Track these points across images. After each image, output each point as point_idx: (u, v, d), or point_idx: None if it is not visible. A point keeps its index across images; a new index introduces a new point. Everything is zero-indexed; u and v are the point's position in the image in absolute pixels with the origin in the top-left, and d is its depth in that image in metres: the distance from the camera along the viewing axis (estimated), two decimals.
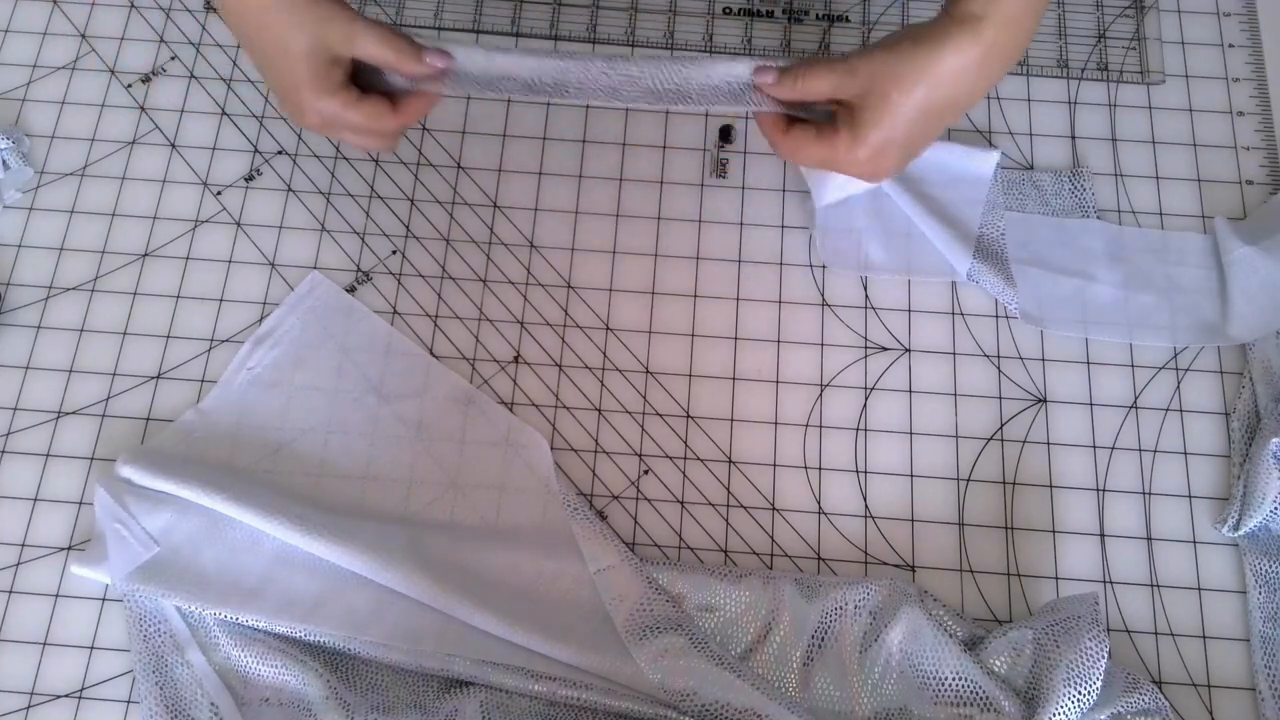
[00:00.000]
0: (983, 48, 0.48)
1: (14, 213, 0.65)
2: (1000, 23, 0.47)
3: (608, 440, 0.60)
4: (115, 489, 0.56)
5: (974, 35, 0.47)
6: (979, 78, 0.49)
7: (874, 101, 0.48)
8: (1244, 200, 0.65)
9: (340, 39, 0.50)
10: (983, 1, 0.47)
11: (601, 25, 0.70)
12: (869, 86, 0.48)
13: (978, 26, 0.47)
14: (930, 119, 0.50)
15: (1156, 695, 0.51)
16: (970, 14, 0.47)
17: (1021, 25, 0.48)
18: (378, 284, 0.63)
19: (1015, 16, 0.48)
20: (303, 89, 0.50)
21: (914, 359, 0.62)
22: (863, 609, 0.54)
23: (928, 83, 0.48)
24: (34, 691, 0.55)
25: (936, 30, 0.48)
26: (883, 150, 0.50)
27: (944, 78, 0.48)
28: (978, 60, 0.48)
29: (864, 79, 0.48)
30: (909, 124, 0.49)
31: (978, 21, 0.47)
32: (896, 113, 0.48)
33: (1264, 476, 0.56)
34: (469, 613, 0.53)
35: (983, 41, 0.47)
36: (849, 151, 0.50)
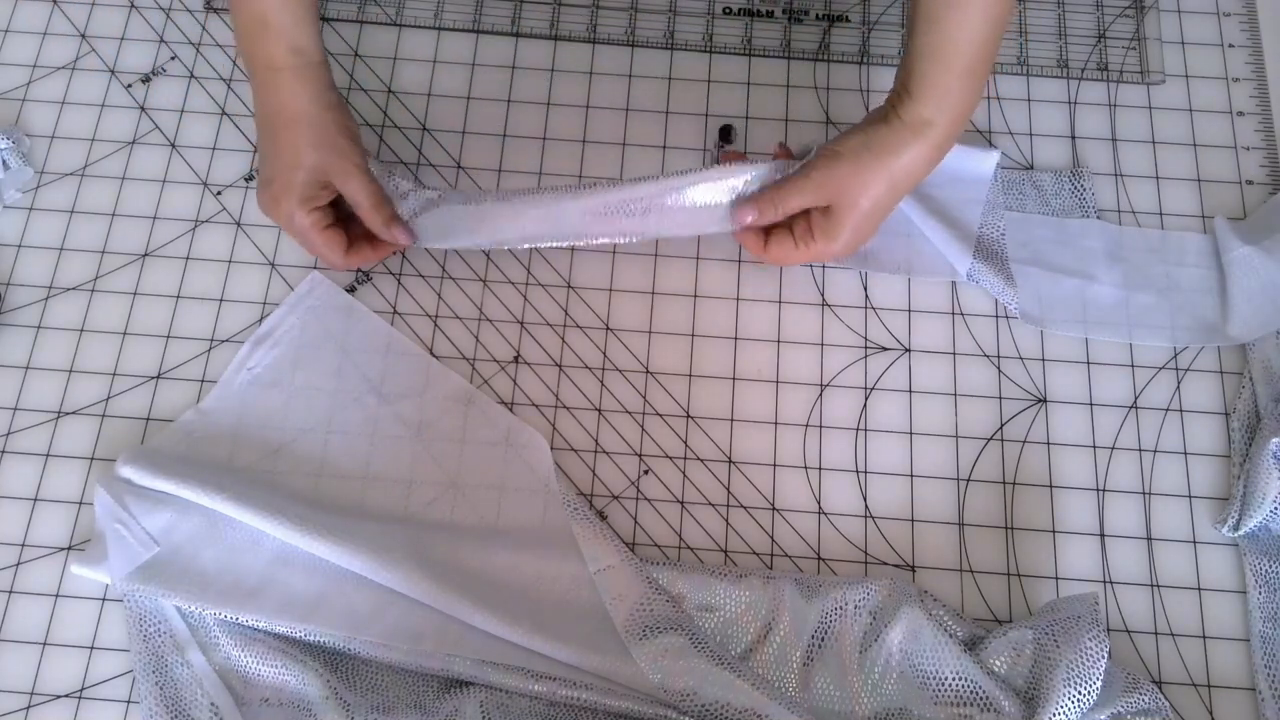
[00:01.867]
0: (933, 149, 0.54)
1: (14, 213, 0.65)
2: (948, 122, 0.54)
3: (608, 440, 0.60)
4: (115, 489, 0.56)
5: (926, 139, 0.54)
6: (926, 169, 0.55)
7: (844, 208, 0.55)
8: (1244, 200, 0.65)
9: (340, 172, 0.57)
10: (934, 107, 0.53)
11: (601, 25, 0.70)
12: (837, 197, 0.55)
13: (930, 131, 0.54)
14: (889, 203, 0.56)
15: (1156, 695, 0.51)
16: (923, 120, 0.53)
17: (963, 115, 0.54)
18: (378, 284, 0.63)
19: (961, 113, 0.54)
20: (291, 195, 0.57)
21: (914, 359, 0.62)
22: (863, 609, 0.54)
23: (888, 182, 0.55)
24: (34, 691, 0.55)
25: (893, 139, 0.54)
26: (852, 242, 0.57)
27: (901, 175, 0.55)
28: (926, 158, 0.55)
29: (832, 191, 0.55)
30: (873, 214, 0.56)
31: (930, 127, 0.53)
32: (862, 210, 0.55)
33: (1264, 476, 0.56)
34: (469, 613, 0.53)
35: (933, 143, 0.54)
36: (826, 248, 0.57)
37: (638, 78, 0.68)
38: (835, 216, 0.56)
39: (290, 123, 0.56)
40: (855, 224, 0.56)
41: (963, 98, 0.53)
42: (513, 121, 0.67)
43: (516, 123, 0.67)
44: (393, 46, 0.69)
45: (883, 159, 0.54)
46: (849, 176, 0.55)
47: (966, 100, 0.54)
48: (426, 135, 0.67)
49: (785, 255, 0.58)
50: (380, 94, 0.68)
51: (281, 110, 0.56)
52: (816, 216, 0.56)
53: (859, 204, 0.55)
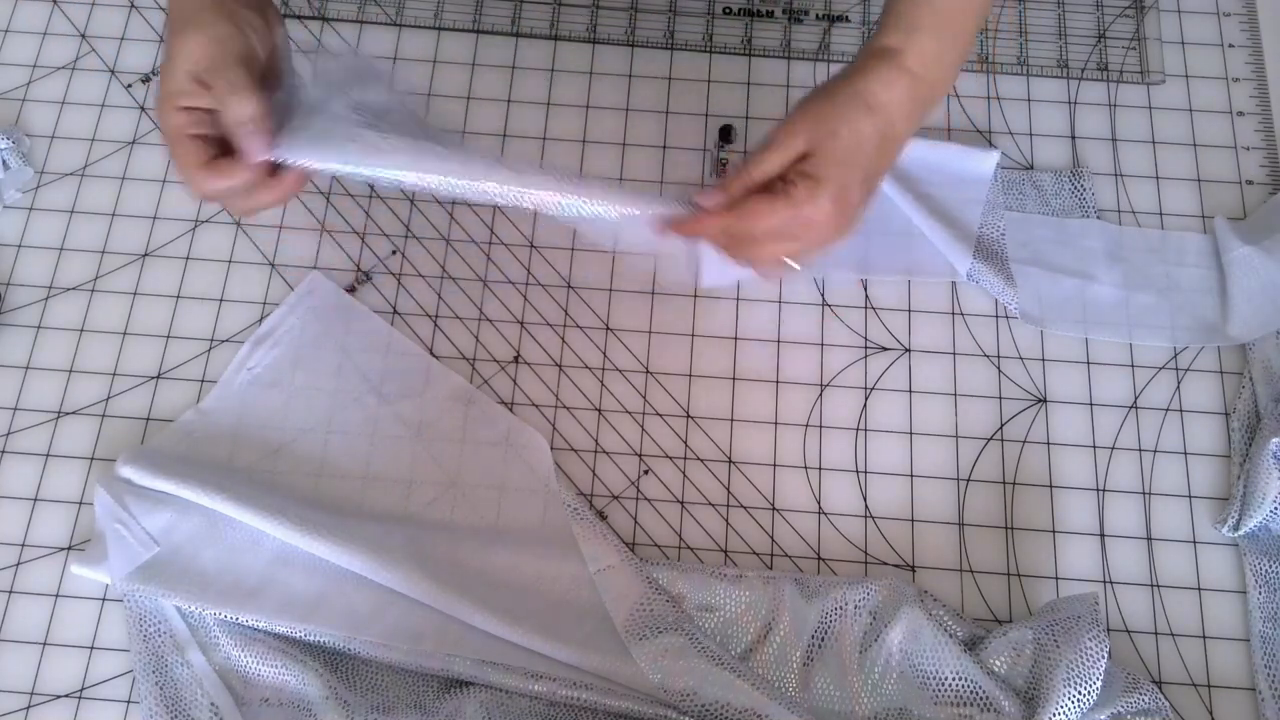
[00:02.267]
0: (907, 76, 0.49)
1: (14, 213, 0.65)
2: (919, 54, 0.49)
3: (608, 440, 0.60)
4: (115, 489, 0.56)
5: (896, 65, 0.49)
6: (911, 105, 0.50)
7: (822, 142, 0.48)
8: (1244, 200, 0.65)
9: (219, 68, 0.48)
10: (900, 35, 0.49)
11: (601, 25, 0.70)
12: (813, 131, 0.48)
13: (897, 58, 0.49)
14: (878, 148, 0.49)
15: (1156, 695, 0.51)
16: (887, 48, 0.49)
17: (941, 61, 0.50)
18: (378, 284, 0.63)
19: (934, 52, 0.50)
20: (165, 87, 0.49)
21: (914, 359, 0.62)
22: (863, 609, 0.54)
23: (866, 111, 0.48)
24: (34, 691, 0.55)
25: (859, 66, 0.50)
26: (844, 189, 0.48)
27: (878, 105, 0.49)
28: (906, 89, 0.49)
29: (806, 126, 0.48)
30: (862, 155, 0.49)
31: (896, 54, 0.49)
32: (848, 145, 0.48)
33: (1264, 476, 0.56)
34: (469, 613, 0.53)
35: (906, 70, 0.49)
36: (811, 201, 0.47)
37: (638, 78, 0.68)
38: (815, 156, 0.48)
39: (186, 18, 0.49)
40: (842, 161, 0.48)
41: (936, 36, 0.49)
42: (513, 121, 0.67)
43: (516, 123, 0.67)
44: (393, 46, 0.69)
45: (850, 82, 0.49)
46: (817, 107, 0.48)
47: (942, 41, 0.49)
48: None
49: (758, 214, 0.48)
50: None
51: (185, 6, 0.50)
52: (793, 169, 0.48)
53: (838, 132, 0.48)
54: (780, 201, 0.48)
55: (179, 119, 0.49)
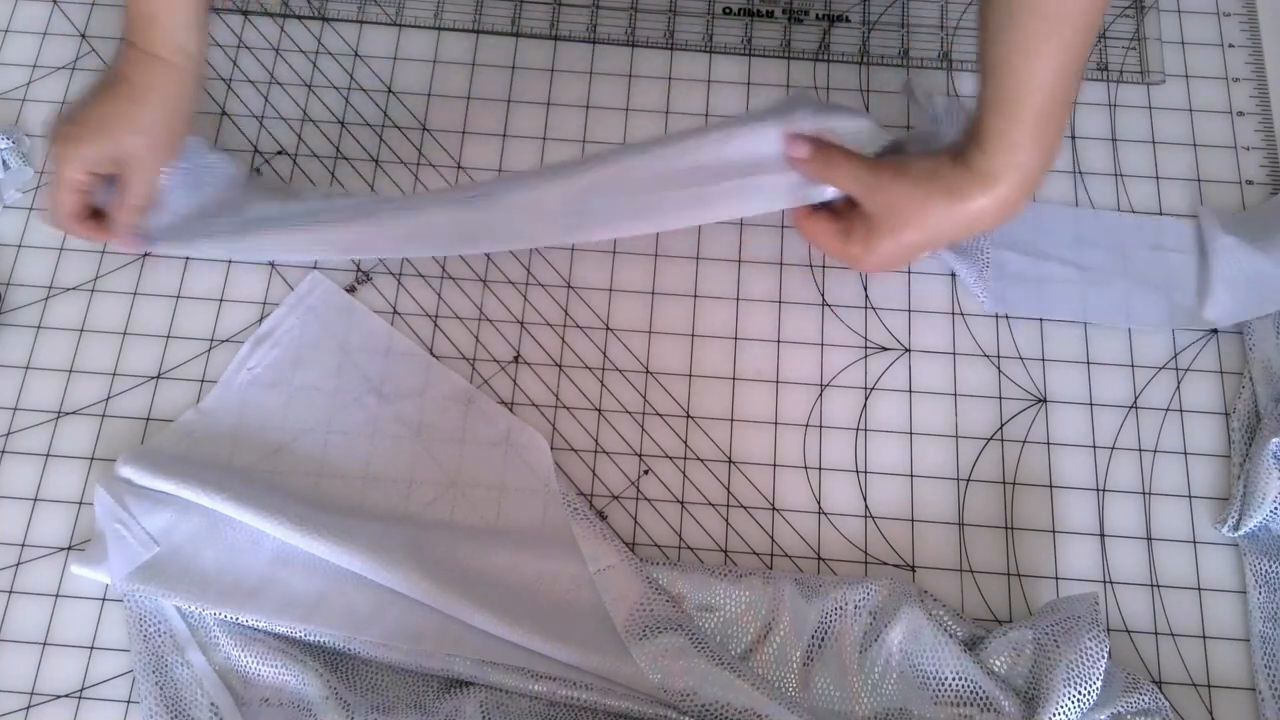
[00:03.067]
0: (998, 203, 0.52)
1: (14, 213, 0.65)
2: (1013, 177, 0.51)
3: (608, 440, 0.60)
4: (115, 489, 0.56)
5: (990, 192, 0.51)
6: (991, 223, 0.53)
7: (890, 226, 0.53)
8: (1244, 200, 0.65)
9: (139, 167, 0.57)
10: (1001, 158, 0.51)
11: (601, 25, 0.70)
12: (888, 211, 0.53)
13: (995, 186, 0.51)
14: (935, 246, 0.56)
15: (1156, 695, 0.51)
16: (988, 172, 0.51)
17: (1030, 177, 0.52)
18: (378, 284, 0.63)
19: (1028, 174, 0.51)
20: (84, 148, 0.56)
21: (914, 359, 0.62)
22: (863, 609, 0.54)
23: (941, 226, 0.53)
24: (34, 691, 0.55)
25: (957, 180, 0.52)
26: (885, 263, 0.55)
27: (957, 223, 0.53)
28: (992, 211, 0.52)
29: (885, 201, 0.53)
30: (916, 250, 0.55)
31: (994, 180, 0.51)
32: (904, 241, 0.54)
33: (1264, 476, 0.56)
34: (469, 613, 0.53)
35: (998, 198, 0.52)
36: (861, 256, 0.55)
37: (638, 78, 0.68)
38: (876, 231, 0.53)
39: (135, 98, 0.56)
40: (892, 250, 0.54)
41: (1031, 153, 0.51)
42: (513, 121, 0.67)
43: (516, 123, 0.67)
44: (393, 46, 0.69)
45: (944, 199, 0.52)
46: (906, 197, 0.52)
47: (1036, 155, 0.51)
48: (426, 135, 0.67)
49: (820, 234, 0.56)
50: (380, 94, 0.68)
51: (138, 85, 0.56)
52: (859, 221, 0.54)
53: (903, 233, 0.53)
54: (839, 240, 0.55)
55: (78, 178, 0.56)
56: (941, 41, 0.70)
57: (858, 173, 0.53)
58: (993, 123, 0.51)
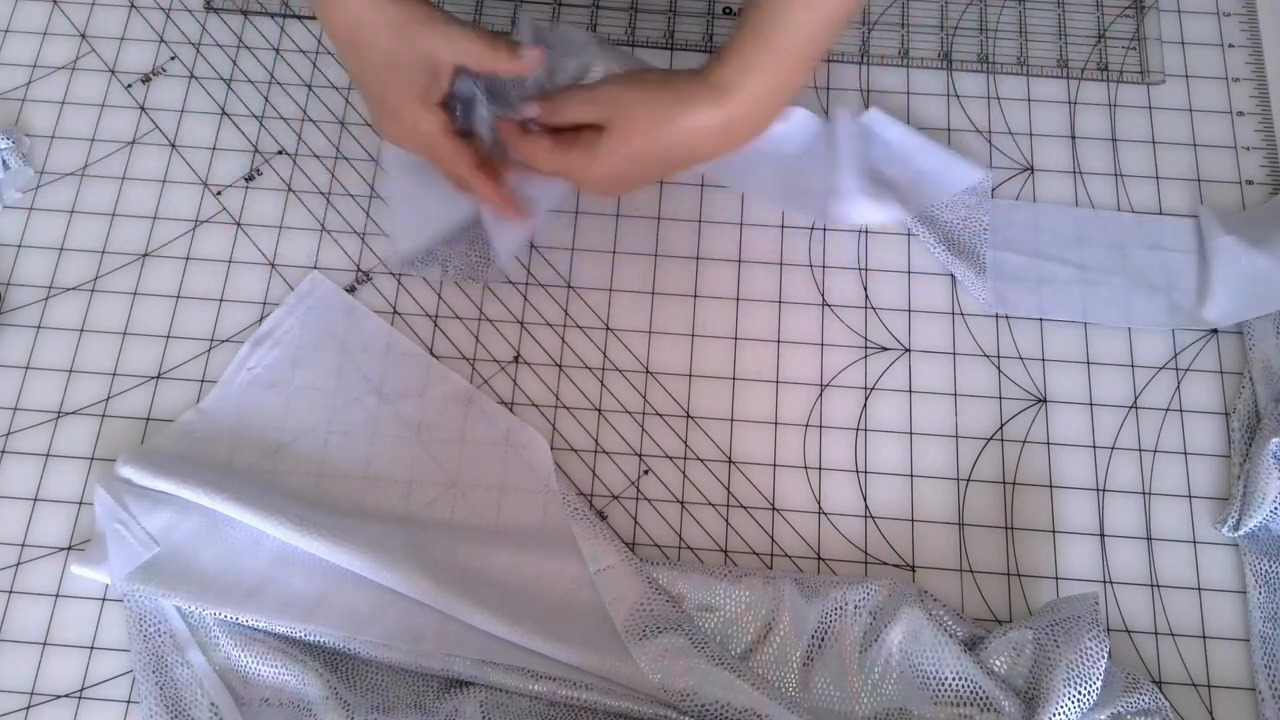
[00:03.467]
0: (724, 117, 0.51)
1: (14, 213, 0.65)
2: (746, 97, 0.50)
3: (608, 440, 0.60)
4: (115, 489, 0.56)
5: (718, 104, 0.51)
6: (719, 140, 0.52)
7: (619, 132, 0.52)
8: (1244, 200, 0.65)
9: (440, 40, 0.52)
10: (736, 72, 0.50)
11: (601, 25, 0.70)
12: (617, 116, 0.52)
13: (724, 96, 0.50)
14: (664, 163, 0.53)
15: (1156, 695, 0.51)
16: (722, 83, 0.51)
17: (765, 104, 0.51)
18: (378, 284, 0.63)
19: (761, 96, 0.51)
20: (409, 97, 0.53)
21: (914, 359, 0.62)
22: (863, 609, 0.54)
23: (667, 133, 0.51)
24: (34, 691, 0.55)
25: (688, 88, 0.51)
26: (612, 176, 0.53)
27: (684, 132, 0.51)
28: (719, 125, 0.51)
29: (615, 107, 0.52)
30: (641, 161, 0.53)
31: (725, 91, 0.50)
32: (635, 150, 0.52)
33: (1264, 476, 0.56)
34: (469, 613, 0.53)
35: (725, 111, 0.51)
36: (585, 166, 0.53)
37: None
38: (604, 138, 0.52)
39: (364, 26, 0.52)
40: (620, 160, 0.52)
41: (768, 79, 0.50)
42: None
43: None
44: None
45: (673, 105, 0.51)
46: (636, 102, 0.51)
47: (772, 82, 0.51)
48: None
49: (534, 149, 0.54)
50: None
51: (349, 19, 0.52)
52: (586, 133, 0.52)
53: (631, 138, 0.51)
54: (558, 154, 0.53)
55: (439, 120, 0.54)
56: (941, 41, 0.70)
57: (584, 94, 0.53)
58: (738, 41, 0.51)
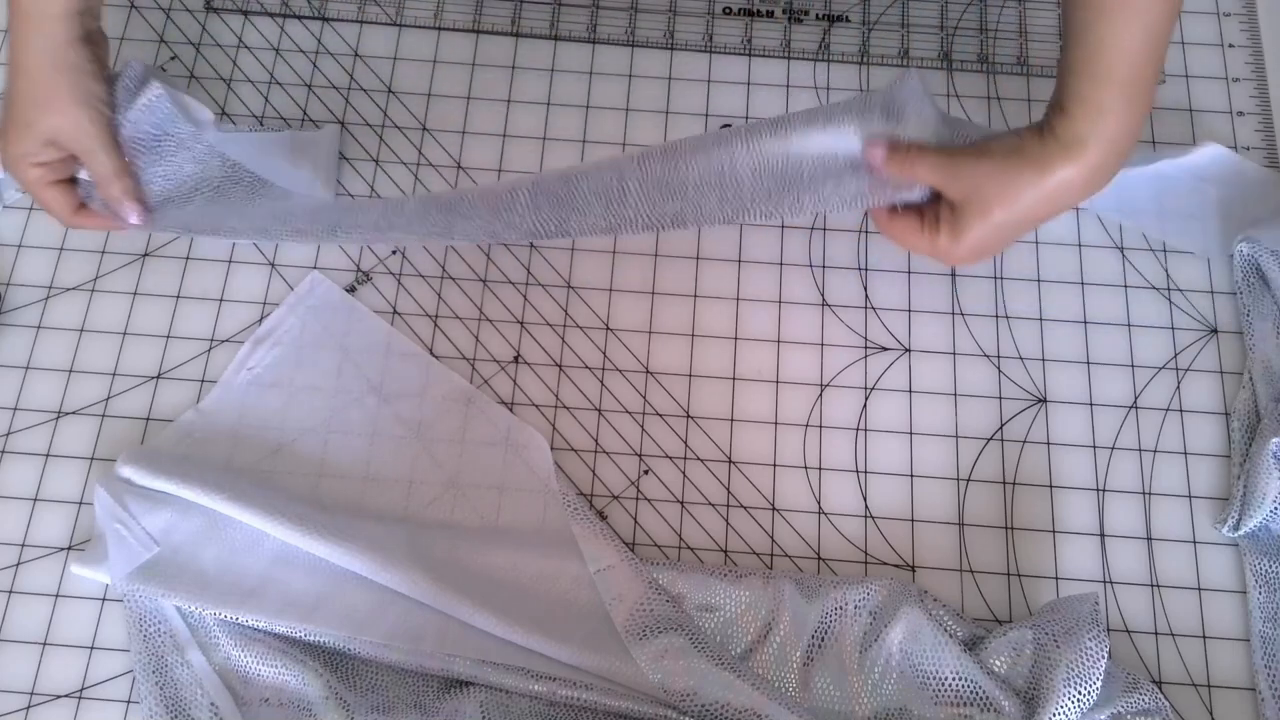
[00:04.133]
0: (1087, 171, 0.49)
1: (14, 213, 0.65)
2: (1103, 144, 0.48)
3: (608, 440, 0.60)
4: (115, 489, 0.56)
5: (1079, 160, 0.49)
6: (1080, 194, 0.50)
7: (976, 209, 0.50)
8: None
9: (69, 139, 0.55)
10: (1088, 123, 0.48)
11: (601, 25, 0.70)
12: (972, 195, 0.50)
13: (1083, 152, 0.48)
14: (1026, 227, 0.52)
15: (1156, 695, 0.51)
16: (1076, 138, 0.48)
17: (1121, 144, 0.49)
18: (378, 284, 0.63)
19: (1116, 136, 0.49)
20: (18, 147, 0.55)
21: (914, 359, 0.62)
22: (863, 609, 0.54)
23: (1030, 201, 0.50)
24: (34, 691, 0.55)
25: (1043, 154, 0.49)
26: (977, 250, 0.52)
27: (1045, 197, 0.49)
28: (1081, 181, 0.49)
29: (968, 186, 0.50)
30: (1006, 232, 0.51)
31: (1083, 147, 0.48)
32: (997, 224, 0.50)
33: (1264, 476, 0.56)
34: (469, 613, 0.53)
35: (1087, 165, 0.49)
36: (949, 249, 0.52)
37: (638, 78, 0.68)
38: (963, 217, 0.50)
39: (21, 73, 0.54)
40: (983, 233, 0.51)
41: (1121, 117, 0.48)
42: (513, 121, 0.67)
43: (516, 123, 0.67)
44: (393, 46, 0.69)
45: (1031, 173, 0.49)
46: (990, 178, 0.50)
47: (1126, 120, 0.48)
48: (426, 135, 0.67)
49: (906, 235, 0.53)
50: (380, 94, 0.68)
51: (16, 60, 0.54)
52: (946, 210, 0.51)
53: (992, 213, 0.50)
54: (926, 237, 0.52)
55: (34, 174, 0.56)
56: (941, 41, 0.70)
57: (937, 161, 0.50)
58: (1078, 88, 0.48)
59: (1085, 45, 0.48)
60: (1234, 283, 0.63)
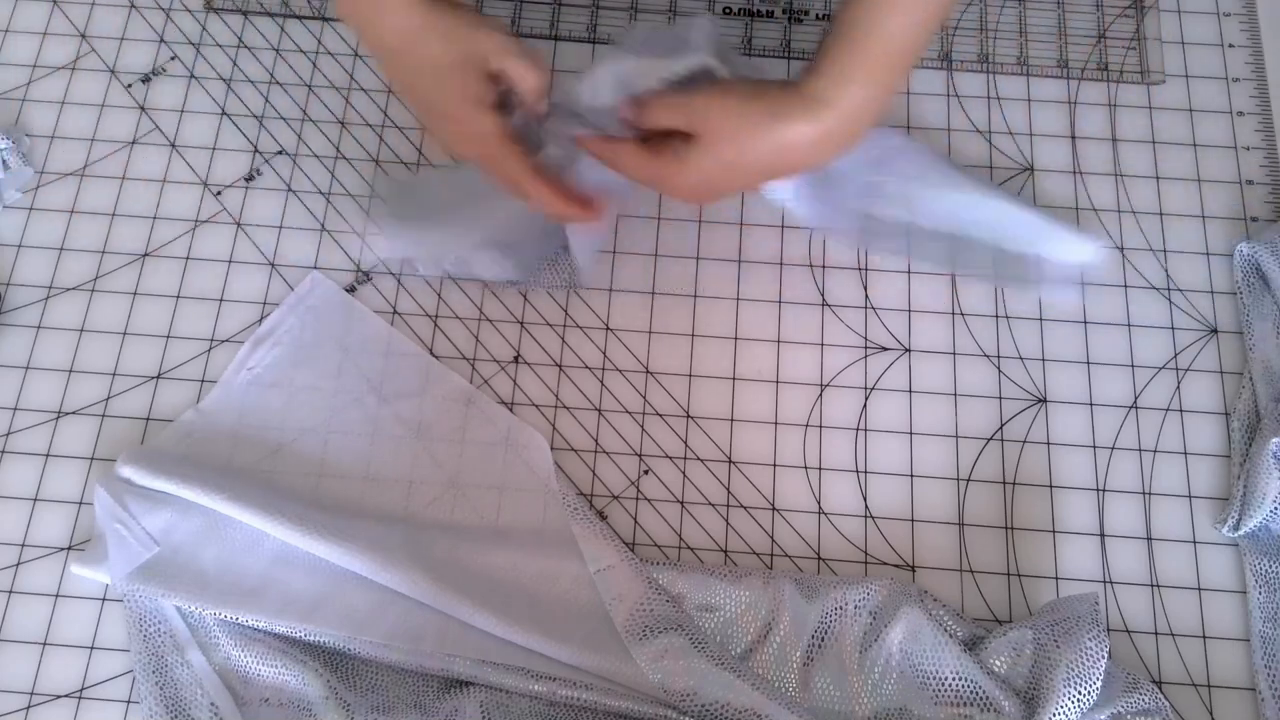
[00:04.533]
0: (820, 131, 0.50)
1: (14, 213, 0.65)
2: (841, 110, 0.49)
3: (608, 440, 0.60)
4: (115, 489, 0.56)
5: (813, 116, 0.49)
6: (813, 153, 0.51)
7: (707, 142, 0.51)
8: (1244, 200, 0.65)
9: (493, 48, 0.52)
10: (832, 83, 0.49)
11: (602, 25, 0.70)
12: (703, 128, 0.50)
13: (820, 111, 0.49)
14: (754, 175, 0.52)
15: (1156, 695, 0.51)
16: (817, 97, 0.49)
17: (860, 116, 0.50)
18: (378, 284, 0.63)
19: (857, 108, 0.50)
20: (464, 104, 0.52)
21: (914, 359, 0.62)
22: (863, 609, 0.54)
23: (759, 145, 0.50)
24: (34, 691, 0.55)
25: (782, 99, 0.50)
26: (704, 185, 0.52)
27: (776, 145, 0.50)
28: (813, 140, 0.50)
29: (701, 118, 0.51)
30: (735, 174, 0.52)
31: (821, 106, 0.49)
32: (725, 161, 0.51)
33: (1264, 476, 0.56)
34: (469, 613, 0.53)
35: (821, 126, 0.49)
36: (674, 175, 0.52)
37: None
38: (693, 149, 0.51)
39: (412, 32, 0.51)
40: (710, 166, 0.51)
41: (866, 91, 0.49)
42: None
43: None
44: None
45: (766, 118, 0.50)
46: (725, 112, 0.50)
47: (870, 96, 0.49)
48: (426, 135, 0.67)
49: (623, 156, 0.53)
50: (380, 94, 0.68)
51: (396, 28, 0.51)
52: (675, 140, 0.51)
53: (723, 150, 0.50)
54: (645, 158, 0.52)
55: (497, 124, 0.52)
56: (941, 41, 0.70)
57: (675, 100, 0.52)
58: (836, 52, 0.49)
59: (850, 17, 0.49)
60: (1234, 283, 0.63)
